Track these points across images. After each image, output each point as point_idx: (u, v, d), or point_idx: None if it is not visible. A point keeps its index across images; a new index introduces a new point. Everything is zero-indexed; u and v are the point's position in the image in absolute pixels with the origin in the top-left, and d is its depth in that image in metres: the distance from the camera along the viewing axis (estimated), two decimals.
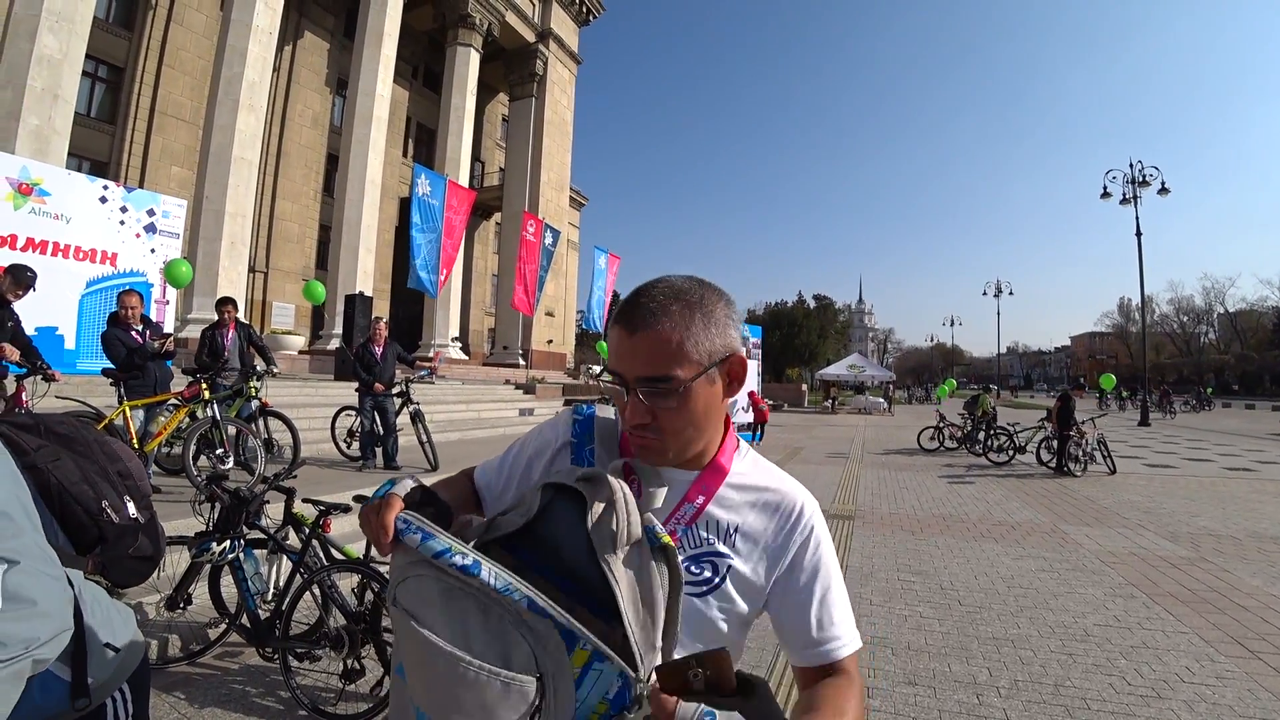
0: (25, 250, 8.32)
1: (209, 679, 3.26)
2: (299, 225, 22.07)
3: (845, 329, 74.26)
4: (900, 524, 7.31)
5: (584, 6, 29.75)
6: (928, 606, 4.61)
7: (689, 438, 0.89)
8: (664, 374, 0.84)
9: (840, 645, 0.92)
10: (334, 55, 22.92)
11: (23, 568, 0.93)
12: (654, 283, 0.90)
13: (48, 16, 11.96)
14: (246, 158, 15.34)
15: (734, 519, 0.94)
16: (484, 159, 30.04)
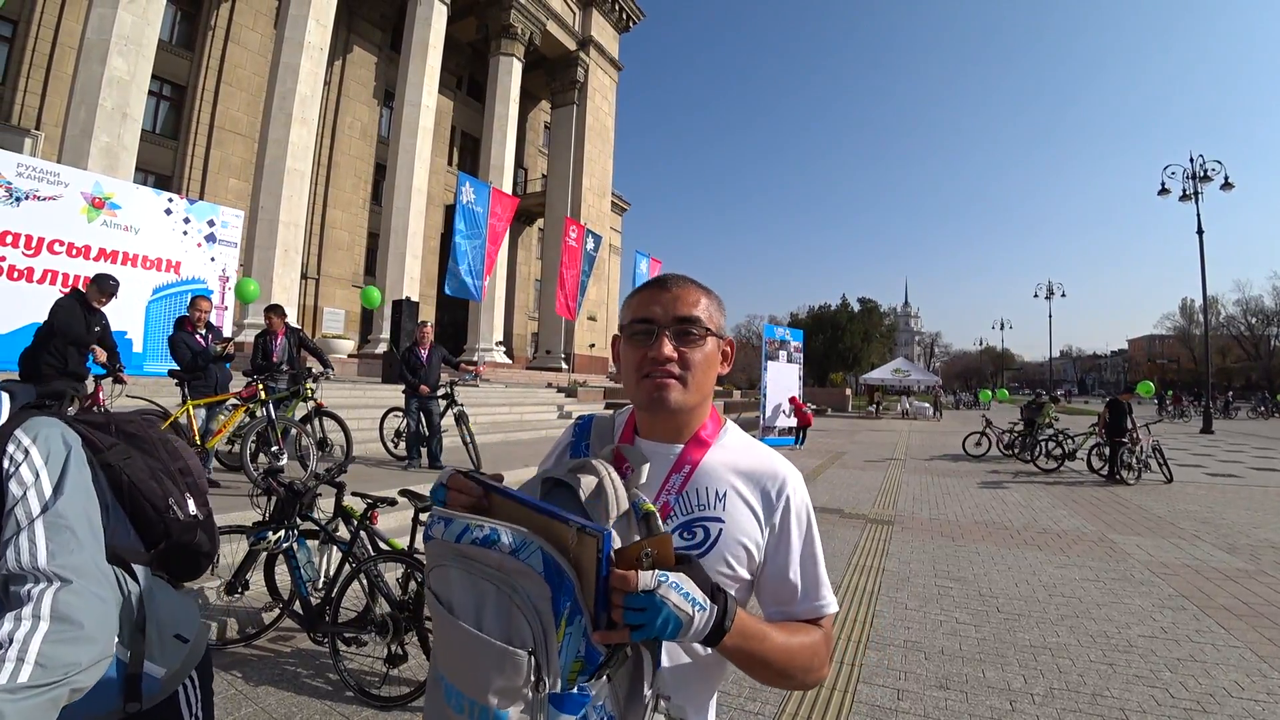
0: (98, 260, 8.83)
1: (263, 660, 3.43)
2: (349, 233, 22.76)
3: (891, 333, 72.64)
4: (941, 530, 7.20)
5: (624, 13, 29.97)
6: (964, 612, 4.57)
7: (699, 383, 1.00)
8: (696, 316, 1.00)
9: (820, 605, 1.00)
10: (381, 68, 23.59)
11: (75, 587, 0.94)
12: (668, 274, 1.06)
13: (117, 40, 12.63)
14: (299, 169, 15.93)
15: (722, 486, 1.01)
16: (527, 166, 30.52)
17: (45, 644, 0.86)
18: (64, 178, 9.05)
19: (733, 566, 0.97)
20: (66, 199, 8.95)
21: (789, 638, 0.92)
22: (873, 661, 3.72)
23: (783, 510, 1.01)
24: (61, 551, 0.95)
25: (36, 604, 0.89)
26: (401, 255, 18.96)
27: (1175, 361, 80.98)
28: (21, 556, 0.92)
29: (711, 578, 0.90)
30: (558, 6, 26.02)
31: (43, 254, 8.55)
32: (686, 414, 1.02)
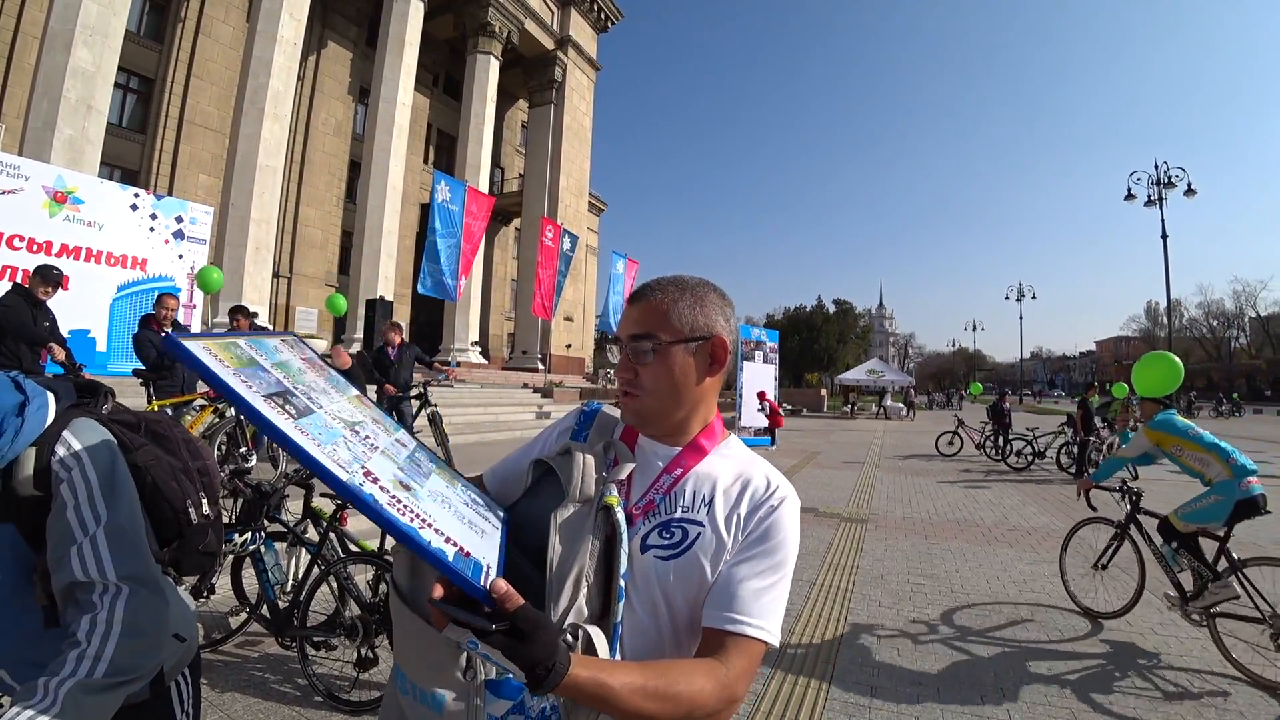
0: (60, 256, 8.58)
1: (230, 665, 3.36)
2: (322, 231, 22.41)
3: (865, 334, 73.57)
4: (914, 528, 7.29)
5: (602, 13, 29.95)
6: (936, 610, 4.62)
7: (664, 397, 1.01)
8: (646, 331, 1.00)
9: (744, 622, 0.90)
10: (356, 64, 23.28)
11: (140, 596, 1.01)
12: (665, 276, 1.08)
13: (82, 30, 12.30)
14: (271, 165, 15.65)
15: (710, 492, 1.00)
16: (504, 165, 30.33)
17: (117, 652, 0.94)
18: (24, 170, 8.78)
19: (704, 571, 0.95)
20: (27, 192, 8.68)
21: (649, 680, 0.80)
22: (847, 658, 3.76)
23: (764, 522, 0.98)
24: (125, 562, 1.01)
25: (110, 612, 0.96)
26: (376, 254, 18.74)
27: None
28: (88, 567, 0.98)
29: (682, 583, 0.94)
30: (536, 5, 25.91)
31: (3, 250, 8.30)
32: (650, 422, 1.04)
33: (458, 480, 1.00)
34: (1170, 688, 3.46)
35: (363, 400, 1.03)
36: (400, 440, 0.97)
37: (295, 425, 0.74)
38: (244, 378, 0.76)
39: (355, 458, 0.77)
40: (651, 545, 0.96)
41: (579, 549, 0.88)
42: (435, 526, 0.76)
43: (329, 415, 0.84)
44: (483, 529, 0.87)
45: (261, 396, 0.75)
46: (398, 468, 0.84)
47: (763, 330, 18.87)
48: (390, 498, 0.74)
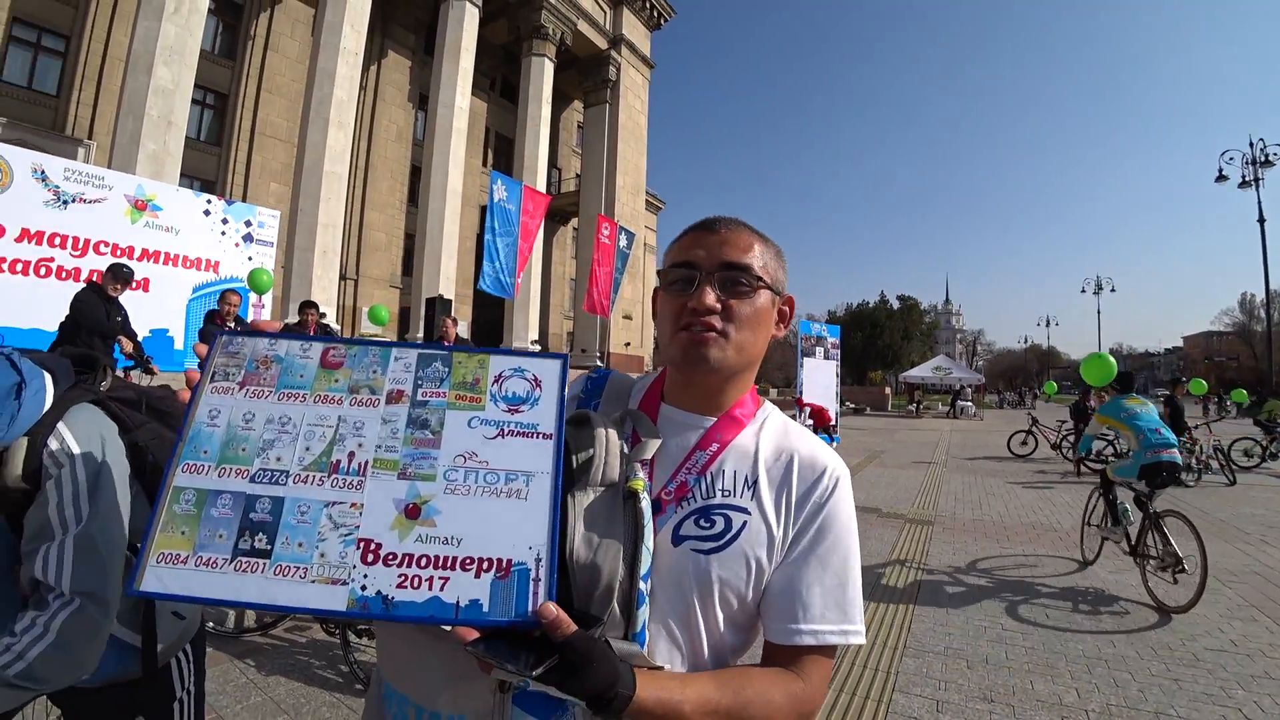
0: (140, 260, 9.02)
1: (277, 649, 3.43)
2: (386, 234, 23.06)
3: (931, 330, 71.14)
4: (984, 531, 6.90)
5: (655, 11, 29.84)
6: (1010, 619, 4.31)
7: (746, 346, 0.87)
8: (746, 264, 0.86)
9: (826, 632, 0.81)
10: (415, 72, 23.84)
11: (84, 613, 1.00)
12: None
13: (162, 51, 12.99)
14: (336, 171, 16.19)
15: (754, 472, 0.87)
16: (560, 166, 30.60)
17: (39, 658, 0.94)
18: (108, 181, 9.27)
19: (752, 568, 0.83)
20: (111, 201, 9.16)
21: (722, 698, 0.74)
22: (910, 669, 3.52)
23: (821, 509, 0.86)
24: (85, 576, 1.00)
25: (51, 618, 0.96)
26: (437, 255, 19.12)
27: (1235, 359, 77.54)
28: (49, 570, 0.98)
29: (725, 582, 0.82)
30: (588, 6, 26.01)
31: (89, 255, 8.76)
32: (726, 378, 0.89)
33: (485, 391, 0.81)
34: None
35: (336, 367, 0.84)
36: (393, 397, 0.81)
37: (261, 584, 0.68)
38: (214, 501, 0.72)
39: (345, 538, 0.70)
40: (687, 536, 0.83)
41: (609, 546, 0.75)
42: (461, 558, 0.69)
43: (302, 481, 0.74)
44: (524, 486, 0.74)
45: (222, 558, 0.69)
46: (400, 471, 0.74)
47: (824, 325, 18.33)
48: (399, 573, 0.68)
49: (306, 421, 0.76)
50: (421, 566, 0.68)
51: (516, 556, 0.69)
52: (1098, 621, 4.32)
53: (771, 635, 0.83)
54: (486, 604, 0.67)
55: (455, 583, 0.68)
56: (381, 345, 0.82)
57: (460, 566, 0.68)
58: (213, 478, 0.72)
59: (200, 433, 0.75)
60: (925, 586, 4.96)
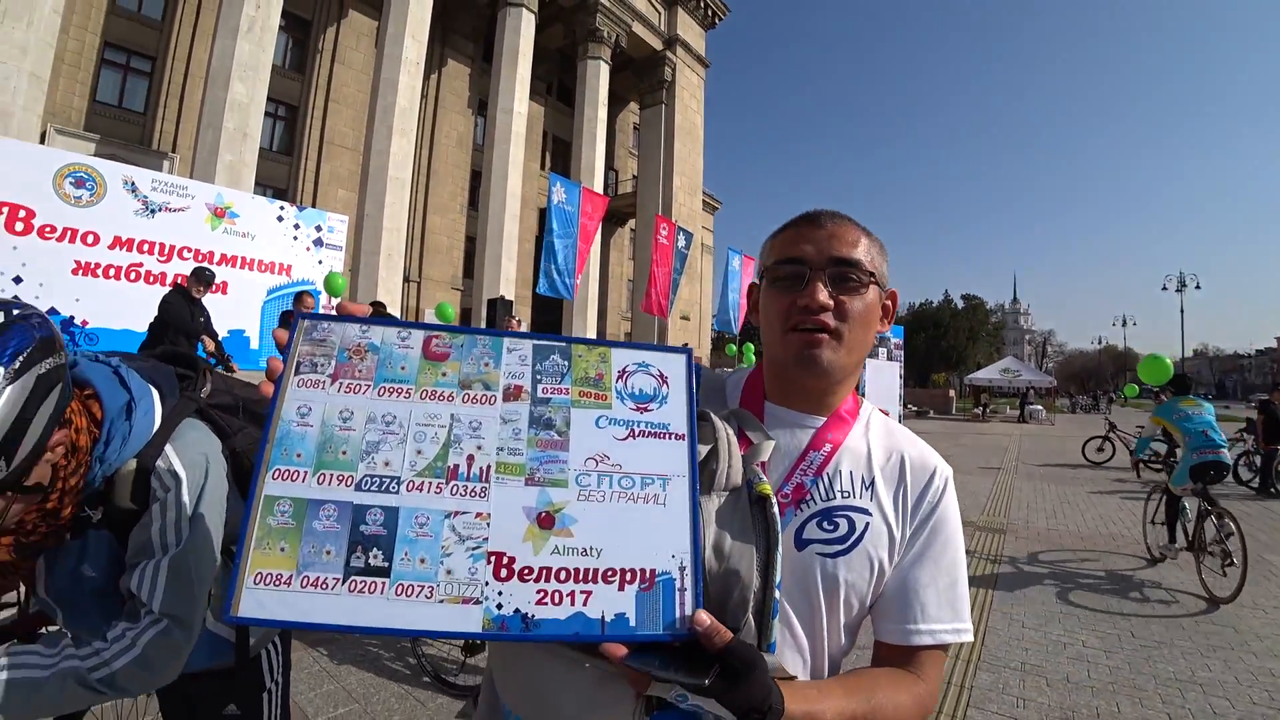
0: (220, 264, 9.43)
1: (349, 640, 3.49)
2: (447, 237, 23.59)
3: (998, 331, 68.52)
4: (1060, 541, 6.54)
5: (709, 9, 29.68)
6: (1092, 635, 4.04)
7: (857, 341, 0.84)
8: (857, 259, 0.83)
9: (942, 631, 0.82)
10: (474, 79, 24.33)
11: (171, 635, 1.03)
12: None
13: (237, 68, 13.64)
14: (400, 178, 16.67)
15: (867, 472, 0.86)
16: (617, 168, 30.72)
17: (121, 671, 0.97)
18: (190, 190, 9.74)
19: (875, 570, 0.82)
20: (193, 210, 9.63)
21: (858, 707, 0.73)
22: (985, 684, 3.34)
23: (934, 511, 0.85)
24: (174, 600, 1.02)
25: (140, 633, 0.99)
26: (497, 257, 19.44)
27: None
28: (144, 587, 1.01)
29: (852, 585, 0.81)
30: (642, 7, 26.06)
31: (173, 260, 9.22)
32: (837, 378, 0.86)
33: (610, 388, 0.75)
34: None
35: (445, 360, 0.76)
36: (511, 394, 0.74)
37: (382, 606, 0.62)
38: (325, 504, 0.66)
39: (473, 552, 0.65)
40: (811, 540, 0.81)
41: (743, 553, 0.71)
42: (603, 570, 0.66)
43: (416, 488, 0.67)
44: (661, 491, 0.70)
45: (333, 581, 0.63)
46: (528, 476, 0.69)
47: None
48: (538, 589, 0.64)
49: (415, 420, 0.69)
50: (561, 580, 0.64)
51: (660, 566, 0.66)
52: (1190, 640, 4.01)
53: (887, 636, 0.83)
54: (633, 617, 0.64)
55: (598, 596, 0.64)
56: (490, 334, 0.76)
57: (602, 579, 0.65)
58: (311, 485, 0.65)
59: (289, 433, 0.67)
60: (998, 598, 4.70)
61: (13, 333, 0.84)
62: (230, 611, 0.60)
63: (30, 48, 11.14)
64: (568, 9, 23.88)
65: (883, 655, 0.84)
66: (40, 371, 0.86)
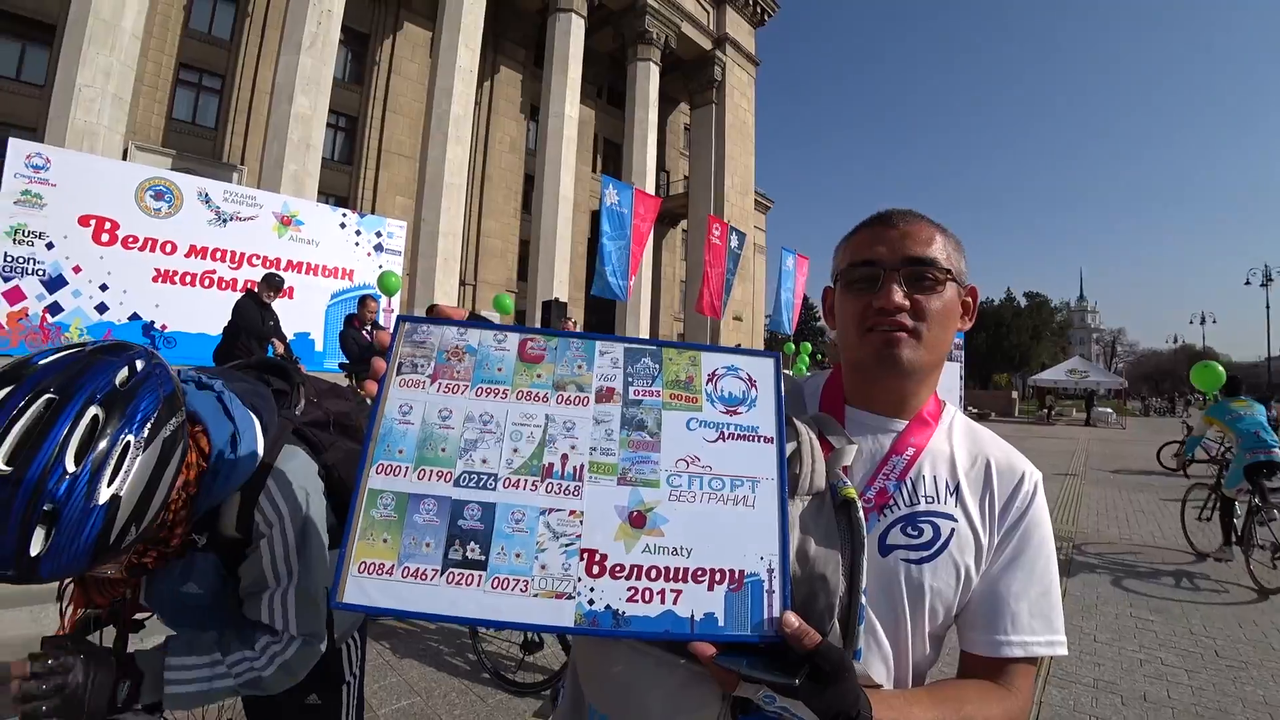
0: (287, 270, 9.79)
1: (410, 634, 3.55)
2: (502, 241, 23.98)
3: (1063, 330, 65.71)
4: (1134, 551, 6.21)
5: (758, 7, 29.40)
6: (1171, 653, 3.80)
7: (936, 340, 0.83)
8: (932, 257, 0.82)
9: (1034, 643, 0.79)
10: (526, 85, 24.67)
11: (308, 648, 1.13)
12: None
13: (301, 82, 14.19)
14: (455, 184, 17.04)
15: (954, 477, 0.84)
16: (668, 169, 30.72)
17: (271, 676, 1.08)
18: (259, 200, 10.17)
19: (961, 577, 0.80)
20: (261, 218, 10.04)
21: (947, 716, 0.72)
22: (1056, 700, 3.17)
23: (1024, 517, 0.82)
24: (305, 621, 1.11)
25: (284, 648, 1.09)
26: (551, 260, 19.67)
27: None
28: (274, 616, 1.09)
29: (937, 592, 0.79)
30: (691, 7, 25.98)
31: (244, 266, 9.64)
32: (917, 379, 0.85)
33: (700, 390, 0.76)
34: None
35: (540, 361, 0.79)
36: (603, 395, 0.75)
37: (479, 598, 0.65)
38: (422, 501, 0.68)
39: (566, 548, 0.67)
40: (895, 546, 0.80)
41: (829, 558, 0.71)
42: (692, 570, 0.66)
43: (512, 485, 0.70)
44: (750, 493, 0.71)
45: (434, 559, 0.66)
46: (620, 476, 0.71)
47: None
48: (629, 586, 0.65)
49: (511, 420, 0.72)
50: (652, 579, 0.66)
51: (748, 567, 0.67)
52: (1266, 642, 3.76)
53: (975, 647, 0.81)
54: (721, 618, 0.65)
55: (688, 595, 0.65)
56: (584, 338, 0.78)
57: (692, 578, 0.66)
58: (411, 480, 0.68)
59: (392, 430, 0.70)
60: (1068, 609, 4.44)
61: (141, 396, 0.84)
62: (335, 598, 0.63)
63: (114, 72, 11.81)
64: (617, 12, 24.01)
65: (970, 666, 0.82)
66: (166, 434, 0.86)
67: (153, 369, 0.88)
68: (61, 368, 0.80)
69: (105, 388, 0.80)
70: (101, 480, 0.77)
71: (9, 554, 0.73)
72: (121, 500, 0.79)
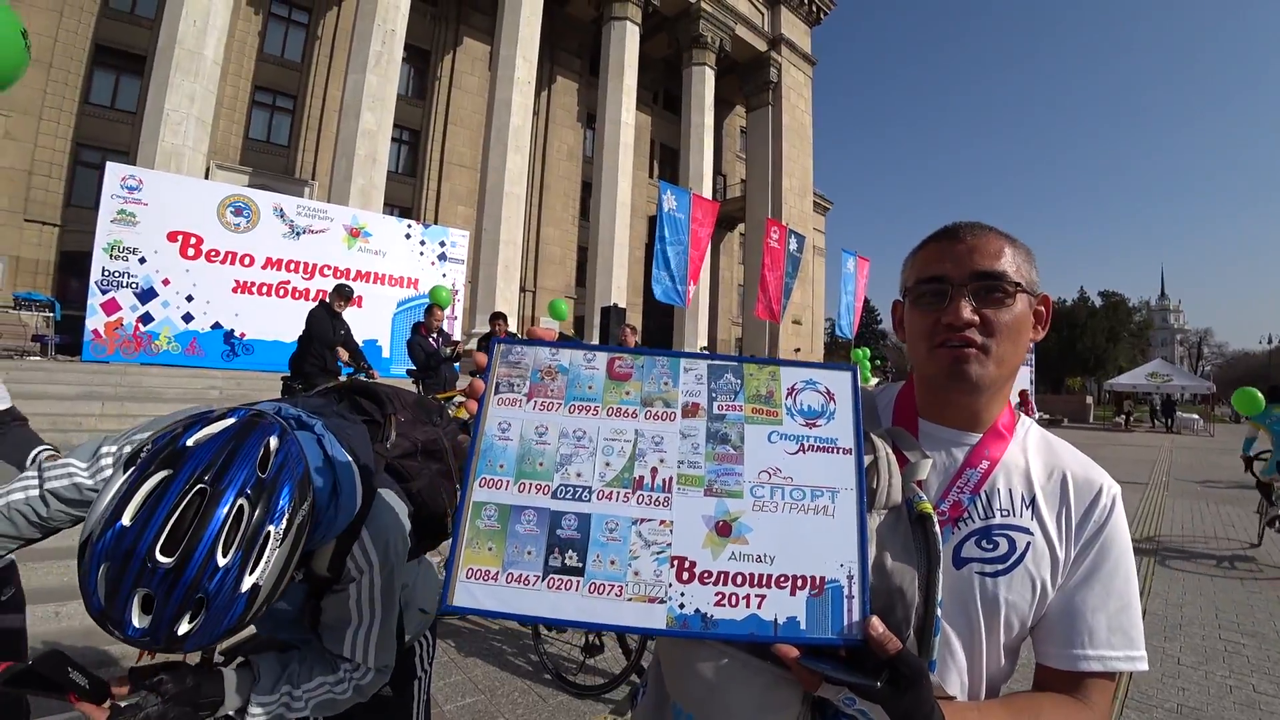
0: (356, 280, 10.18)
1: (474, 633, 3.64)
2: (560, 248, 24.34)
3: (1143, 330, 62.19)
4: (1221, 569, 5.84)
5: (813, 5, 28.96)
6: (1265, 679, 3.53)
7: (1006, 354, 0.82)
8: (1000, 271, 0.81)
9: (1114, 658, 0.78)
10: (582, 93, 24.99)
11: (381, 675, 1.22)
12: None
13: (367, 99, 14.72)
14: (515, 193, 17.35)
15: (1027, 490, 0.84)
16: (725, 172, 30.57)
17: (344, 698, 1.17)
18: (330, 214, 10.59)
19: (1037, 590, 0.80)
20: (332, 231, 10.45)
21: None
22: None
23: (1101, 530, 0.82)
24: (383, 654, 1.20)
25: (363, 676, 1.18)
26: (609, 266, 19.81)
27: None
28: (356, 651, 1.17)
29: (1013, 606, 0.80)
30: (745, 9, 25.81)
31: (316, 277, 10.05)
32: (989, 393, 0.85)
33: (780, 404, 0.79)
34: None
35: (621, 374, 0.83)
36: (689, 410, 0.79)
37: (577, 602, 0.69)
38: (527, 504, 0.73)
39: (658, 555, 0.71)
40: (970, 559, 0.81)
41: (905, 571, 0.73)
42: (775, 576, 0.69)
43: (606, 497, 0.74)
44: (830, 503, 0.73)
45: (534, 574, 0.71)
46: (706, 487, 0.74)
47: None
48: (716, 591, 0.69)
49: (602, 436, 0.77)
50: (737, 584, 0.69)
51: (829, 574, 0.69)
52: None
53: (1052, 660, 0.81)
54: (804, 621, 0.67)
55: (772, 600, 0.68)
56: (669, 355, 0.82)
57: (775, 584, 0.69)
58: (512, 493, 0.73)
59: (492, 446, 0.76)
60: (1149, 628, 4.16)
61: (280, 486, 0.89)
62: (446, 601, 0.69)
63: (197, 96, 12.51)
64: (671, 18, 24.05)
65: (1046, 680, 0.82)
66: (299, 521, 0.92)
67: (288, 450, 0.93)
68: (210, 454, 0.85)
69: (250, 480, 0.86)
70: (245, 571, 0.83)
71: (161, 633, 0.79)
72: (261, 589, 0.86)
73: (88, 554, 0.80)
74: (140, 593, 0.78)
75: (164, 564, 0.78)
